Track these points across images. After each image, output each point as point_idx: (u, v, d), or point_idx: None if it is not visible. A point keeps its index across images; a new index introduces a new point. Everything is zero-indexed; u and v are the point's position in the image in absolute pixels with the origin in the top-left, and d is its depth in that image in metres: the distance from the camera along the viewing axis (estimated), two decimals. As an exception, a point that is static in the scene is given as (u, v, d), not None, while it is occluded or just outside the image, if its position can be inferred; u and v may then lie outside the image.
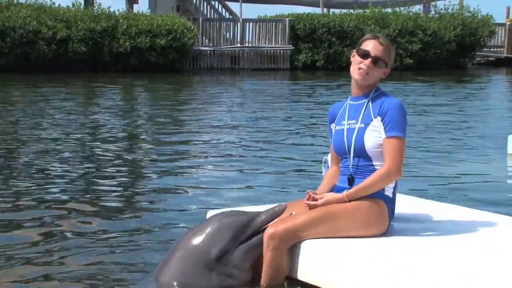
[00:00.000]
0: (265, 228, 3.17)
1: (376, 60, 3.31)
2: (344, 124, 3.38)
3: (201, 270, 3.09)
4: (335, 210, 3.22)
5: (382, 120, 3.27)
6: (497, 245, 3.15)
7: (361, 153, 3.31)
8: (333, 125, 3.47)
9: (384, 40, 3.37)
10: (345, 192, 3.24)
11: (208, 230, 3.16)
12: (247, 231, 3.16)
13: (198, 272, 3.09)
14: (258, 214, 3.21)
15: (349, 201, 3.23)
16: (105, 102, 13.83)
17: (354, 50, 3.41)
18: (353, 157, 3.32)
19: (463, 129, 9.66)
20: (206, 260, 3.10)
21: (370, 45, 3.35)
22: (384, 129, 3.26)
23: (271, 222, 3.19)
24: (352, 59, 3.41)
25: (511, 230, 3.45)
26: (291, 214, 3.24)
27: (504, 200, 5.36)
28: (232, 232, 3.13)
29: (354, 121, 3.34)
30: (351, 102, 3.43)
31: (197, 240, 3.14)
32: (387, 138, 3.24)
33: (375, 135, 3.28)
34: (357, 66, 3.33)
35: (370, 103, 3.34)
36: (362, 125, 3.31)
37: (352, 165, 3.33)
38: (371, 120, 3.30)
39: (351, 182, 3.31)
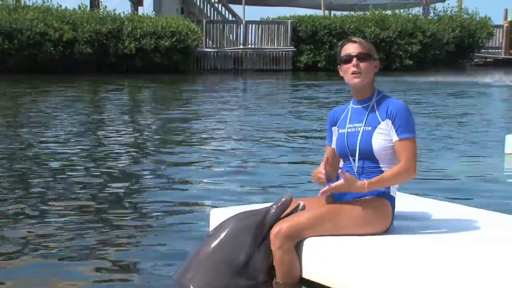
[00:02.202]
0: None
1: (360, 56, 3.33)
2: (346, 128, 3.38)
3: (231, 278, 3.07)
4: (340, 208, 3.24)
5: (392, 123, 3.28)
6: (495, 243, 3.18)
7: (368, 155, 3.31)
8: (335, 128, 3.47)
9: (355, 38, 3.43)
10: (366, 181, 3.23)
11: (228, 236, 3.12)
12: (264, 229, 3.15)
13: (229, 281, 3.07)
14: (268, 209, 3.20)
15: (368, 190, 3.24)
16: (110, 102, 13.91)
17: (338, 66, 3.44)
18: (358, 160, 3.33)
19: (461, 129, 9.75)
20: (235, 268, 3.08)
21: (347, 48, 3.37)
22: (396, 131, 3.27)
23: (281, 215, 3.21)
24: (341, 73, 3.43)
25: (507, 228, 3.49)
26: (298, 204, 3.27)
27: (501, 198, 5.39)
28: (252, 235, 3.12)
29: (360, 124, 3.34)
30: (353, 106, 3.43)
31: (221, 249, 3.10)
32: (401, 140, 3.27)
33: (383, 138, 3.29)
34: (349, 72, 3.34)
35: (375, 106, 3.34)
36: (369, 128, 3.31)
37: (358, 168, 3.33)
38: (379, 123, 3.30)
39: None
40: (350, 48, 3.35)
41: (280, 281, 3.17)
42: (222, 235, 3.13)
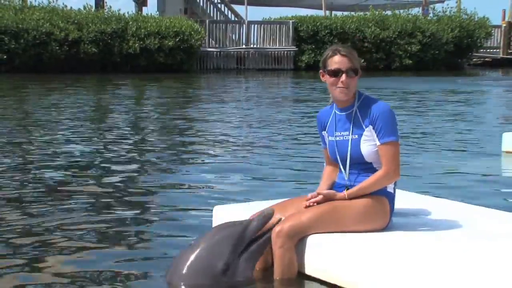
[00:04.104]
0: (261, 234, 3.24)
1: (349, 73, 3.32)
2: (335, 136, 3.41)
3: (211, 286, 3.11)
4: (339, 206, 3.28)
5: (374, 128, 3.30)
6: (493, 240, 3.20)
7: (360, 160, 3.35)
8: (324, 133, 3.50)
9: (344, 49, 3.37)
10: (345, 192, 3.32)
11: (209, 245, 3.16)
12: (245, 240, 3.19)
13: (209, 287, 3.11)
14: (250, 221, 3.24)
15: (350, 199, 3.31)
16: (114, 101, 14.02)
17: (321, 71, 3.41)
18: (350, 164, 3.37)
19: (458, 127, 9.83)
20: (213, 275, 3.11)
21: (335, 61, 3.33)
22: (377, 136, 3.29)
23: (262, 228, 3.24)
24: (323, 79, 3.40)
25: (506, 225, 3.52)
26: (280, 219, 3.29)
27: (499, 196, 5.45)
28: (232, 244, 3.15)
29: (347, 133, 3.36)
30: (337, 113, 3.43)
31: (200, 256, 3.13)
32: (382, 145, 3.28)
33: (369, 144, 3.32)
34: (335, 86, 3.34)
35: (358, 113, 3.36)
36: (355, 136, 3.33)
37: (349, 174, 3.38)
38: (363, 130, 3.32)
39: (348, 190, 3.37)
40: (340, 61, 3.32)
41: (277, 277, 3.23)
42: (203, 243, 3.17)
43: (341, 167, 3.41)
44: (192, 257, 3.14)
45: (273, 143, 8.19)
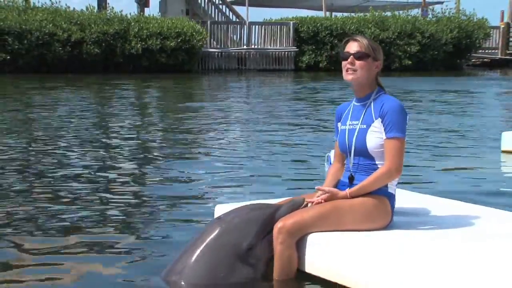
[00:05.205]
0: None
1: (358, 55, 3.39)
2: (347, 124, 3.45)
3: (232, 263, 3.13)
4: (342, 206, 3.30)
5: (382, 122, 3.33)
6: (493, 239, 3.22)
7: (363, 153, 3.37)
8: (339, 124, 3.54)
9: (360, 37, 3.47)
10: (347, 190, 3.34)
11: (236, 223, 3.18)
12: (271, 224, 3.21)
13: (229, 265, 3.13)
14: (279, 207, 3.27)
15: (352, 198, 3.33)
16: (117, 101, 14.08)
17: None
18: (354, 156, 3.40)
19: (458, 127, 9.89)
20: (237, 253, 3.13)
21: (348, 46, 3.43)
22: (385, 130, 3.32)
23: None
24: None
25: (506, 224, 3.54)
26: (306, 205, 3.34)
27: (497, 194, 5.45)
28: (260, 226, 3.18)
29: (356, 122, 3.40)
30: (355, 104, 3.49)
31: (227, 233, 3.16)
32: (387, 139, 3.31)
33: (376, 136, 3.34)
34: (345, 69, 3.41)
35: (372, 105, 3.40)
36: (364, 126, 3.37)
37: (353, 164, 3.41)
38: (373, 121, 3.36)
39: (351, 180, 3.39)
40: (351, 46, 3.42)
41: (277, 274, 3.24)
42: (231, 220, 3.21)
43: (348, 156, 3.46)
44: (218, 233, 3.15)
45: (275, 142, 8.22)
